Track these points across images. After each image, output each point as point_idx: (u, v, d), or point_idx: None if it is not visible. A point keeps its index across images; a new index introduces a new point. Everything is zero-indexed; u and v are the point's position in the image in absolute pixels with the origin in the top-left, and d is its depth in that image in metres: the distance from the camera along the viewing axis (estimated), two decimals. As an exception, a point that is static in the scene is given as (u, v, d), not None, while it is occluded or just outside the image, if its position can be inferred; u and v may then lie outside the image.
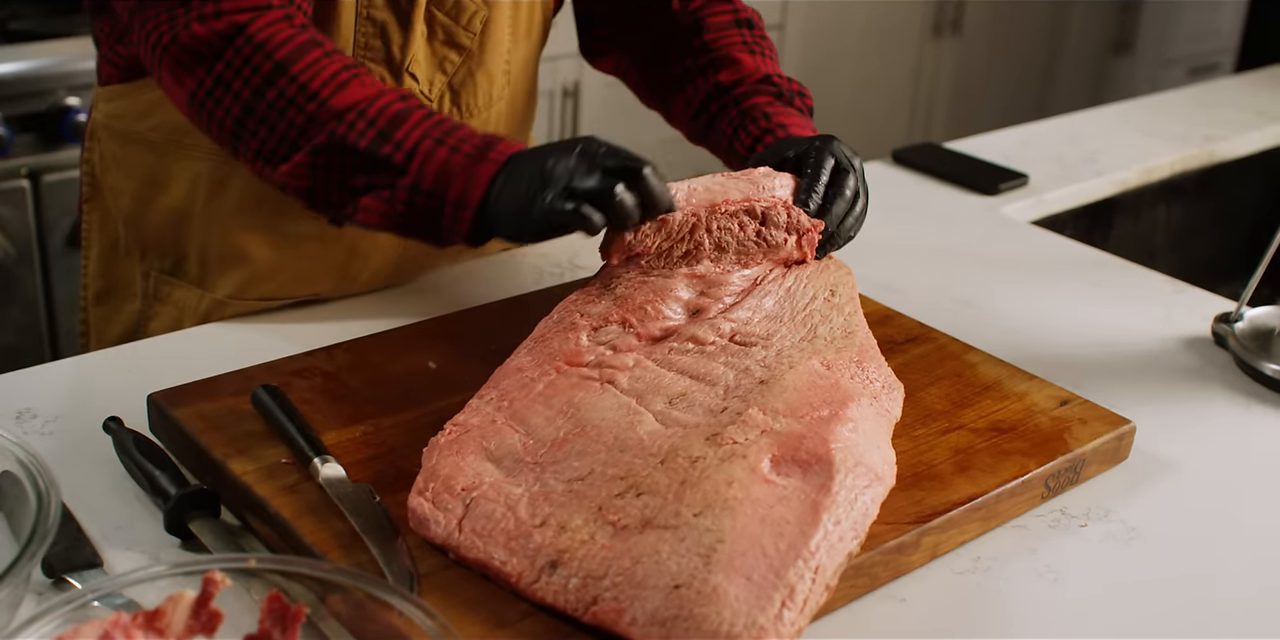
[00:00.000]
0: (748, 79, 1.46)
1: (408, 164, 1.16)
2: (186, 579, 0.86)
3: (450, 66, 1.38)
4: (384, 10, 1.31)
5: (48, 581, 0.99)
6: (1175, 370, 1.39)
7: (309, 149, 1.18)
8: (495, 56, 1.40)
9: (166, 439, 1.14)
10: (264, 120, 1.18)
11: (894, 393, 1.15)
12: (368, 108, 1.17)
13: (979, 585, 1.05)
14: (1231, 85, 2.47)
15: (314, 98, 1.17)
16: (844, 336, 1.17)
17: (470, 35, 1.37)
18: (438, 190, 1.16)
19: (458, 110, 1.40)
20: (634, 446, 1.01)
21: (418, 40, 1.34)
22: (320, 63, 1.18)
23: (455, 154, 1.16)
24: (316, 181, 1.19)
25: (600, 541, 0.92)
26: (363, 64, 1.23)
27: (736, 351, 1.13)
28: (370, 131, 1.16)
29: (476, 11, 1.36)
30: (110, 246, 1.47)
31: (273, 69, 1.17)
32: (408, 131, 1.16)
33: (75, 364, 1.30)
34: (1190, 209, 2.13)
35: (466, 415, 1.08)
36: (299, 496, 1.03)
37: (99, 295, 1.50)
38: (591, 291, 1.19)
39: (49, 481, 0.93)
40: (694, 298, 1.19)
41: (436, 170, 1.16)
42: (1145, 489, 1.18)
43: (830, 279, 1.25)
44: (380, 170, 1.17)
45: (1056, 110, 4.19)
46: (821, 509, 0.95)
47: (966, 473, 1.10)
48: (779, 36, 3.56)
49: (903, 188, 1.87)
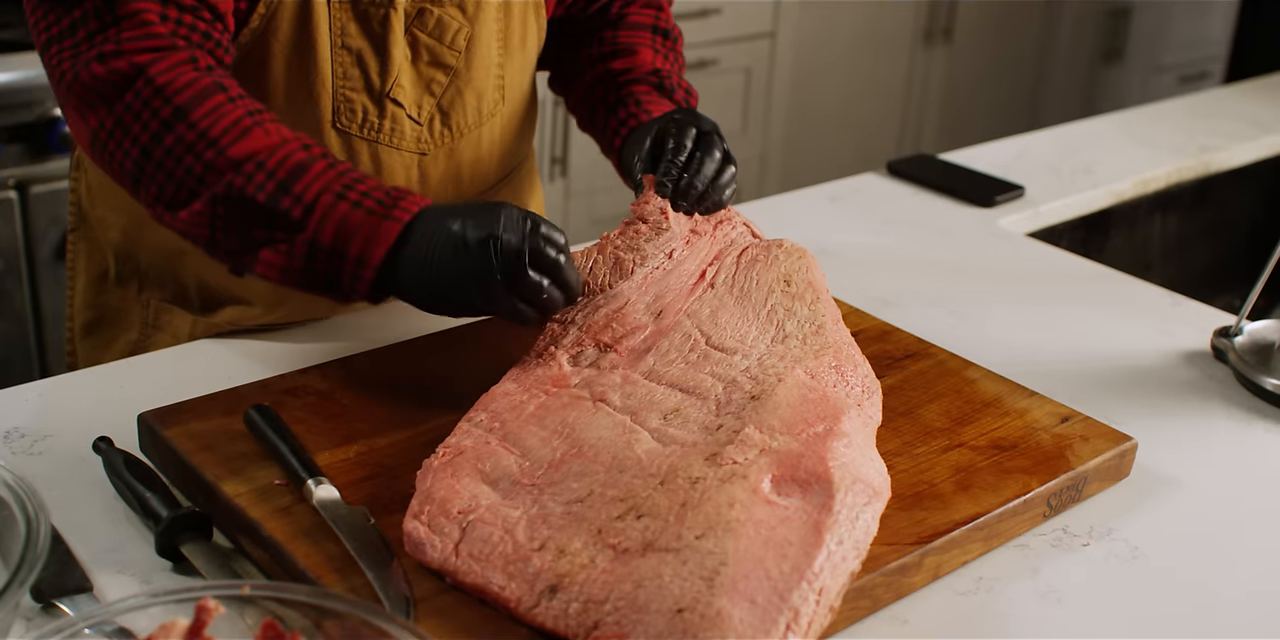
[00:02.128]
0: (636, 70, 1.46)
1: (306, 219, 1.12)
2: (179, 606, 0.85)
3: (438, 88, 1.35)
4: (358, 37, 1.28)
5: (36, 606, 0.97)
6: (1175, 385, 1.38)
7: (207, 198, 1.14)
8: (484, 72, 1.38)
9: (158, 459, 1.13)
10: (161, 166, 1.15)
11: (873, 397, 1.14)
12: (268, 158, 1.13)
13: (982, 606, 1.04)
14: (1226, 95, 2.46)
15: (213, 145, 1.13)
16: (814, 332, 1.16)
17: (455, 53, 1.34)
18: (337, 247, 1.12)
19: (448, 131, 1.38)
20: (632, 466, 1.00)
21: (399, 65, 1.31)
22: (222, 109, 1.14)
23: (356, 209, 1.12)
24: (215, 231, 1.16)
25: (601, 565, 0.91)
26: (269, 111, 1.18)
27: (719, 360, 1.13)
28: (269, 183, 1.13)
29: (460, 28, 1.33)
30: (99, 277, 1.44)
31: (172, 114, 1.14)
32: (308, 184, 1.13)
33: (64, 382, 1.29)
34: (1186, 220, 2.12)
35: (458, 437, 1.06)
36: (292, 519, 1.01)
37: (88, 326, 1.47)
38: (554, 329, 1.19)
39: (38, 505, 0.91)
40: (650, 302, 1.20)
41: (336, 227, 1.12)
42: (1147, 506, 1.17)
43: (781, 269, 1.24)
44: (279, 225, 1.13)
45: (1047, 117, 4.21)
46: (824, 529, 0.94)
47: (968, 492, 1.09)
48: (769, 45, 3.56)
49: (898, 199, 1.86)
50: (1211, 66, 4.65)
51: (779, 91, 3.66)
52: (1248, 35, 4.39)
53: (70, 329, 1.49)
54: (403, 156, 1.35)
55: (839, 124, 3.88)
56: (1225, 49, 4.55)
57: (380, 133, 1.33)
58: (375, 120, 1.32)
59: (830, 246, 1.64)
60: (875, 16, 3.80)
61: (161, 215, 1.18)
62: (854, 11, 3.75)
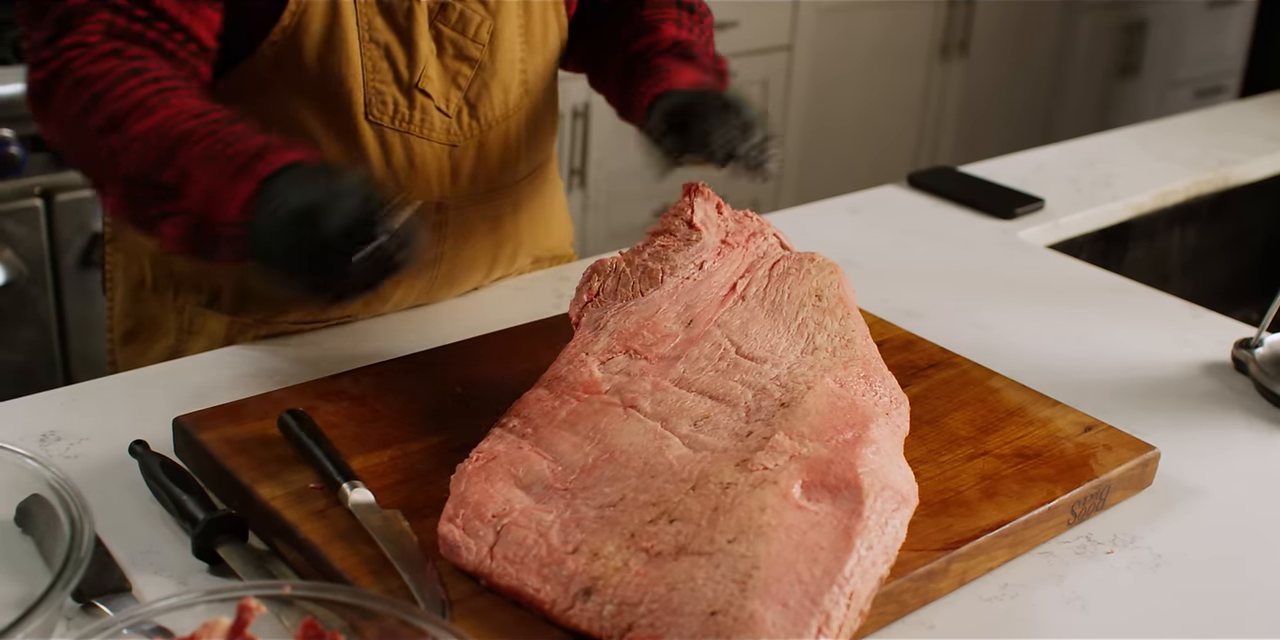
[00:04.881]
0: (658, 44, 1.46)
1: (182, 186, 1.10)
2: (220, 606, 0.86)
3: (464, 80, 1.38)
4: (385, 31, 1.31)
5: (76, 606, 0.98)
6: (1196, 396, 1.39)
7: (117, 179, 1.14)
8: (508, 66, 1.40)
9: (193, 463, 1.14)
10: (84, 154, 1.17)
11: (901, 407, 1.15)
12: (156, 132, 1.12)
13: (1007, 612, 1.05)
14: (1243, 109, 2.47)
15: (118, 127, 1.13)
16: (844, 345, 1.18)
17: (479, 46, 1.37)
18: (207, 211, 1.09)
19: (476, 123, 1.40)
20: (664, 472, 1.01)
21: (426, 58, 1.34)
22: (133, 92, 1.14)
23: (221, 172, 1.09)
24: (131, 213, 1.16)
25: (634, 568, 0.92)
26: (186, 86, 1.16)
27: (749, 368, 1.14)
28: (152, 155, 1.11)
29: (483, 21, 1.36)
30: (136, 286, 1.46)
31: (89, 100, 1.15)
32: (186, 151, 1.10)
33: (99, 386, 1.30)
34: (1204, 233, 2.13)
35: (491, 442, 1.08)
36: (328, 522, 1.03)
37: (126, 335, 1.49)
38: (586, 335, 1.20)
39: (82, 507, 0.92)
40: (681, 311, 1.21)
41: (203, 193, 1.09)
42: (1170, 515, 1.18)
43: (814, 283, 1.25)
44: (166, 196, 1.11)
45: (1063, 131, 4.21)
46: (854, 534, 0.95)
47: (994, 499, 1.10)
48: (787, 58, 3.58)
49: (919, 212, 1.87)
50: (1227, 81, 4.65)
51: (796, 104, 3.67)
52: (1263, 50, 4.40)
53: (110, 339, 1.51)
54: (434, 147, 1.38)
55: (856, 137, 3.89)
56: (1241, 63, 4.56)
57: (411, 124, 1.35)
58: (406, 112, 1.35)
59: (853, 257, 1.66)
60: (892, 29, 3.81)
61: (103, 203, 1.19)
62: (871, 25, 3.77)
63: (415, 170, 1.37)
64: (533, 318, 1.40)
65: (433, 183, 1.40)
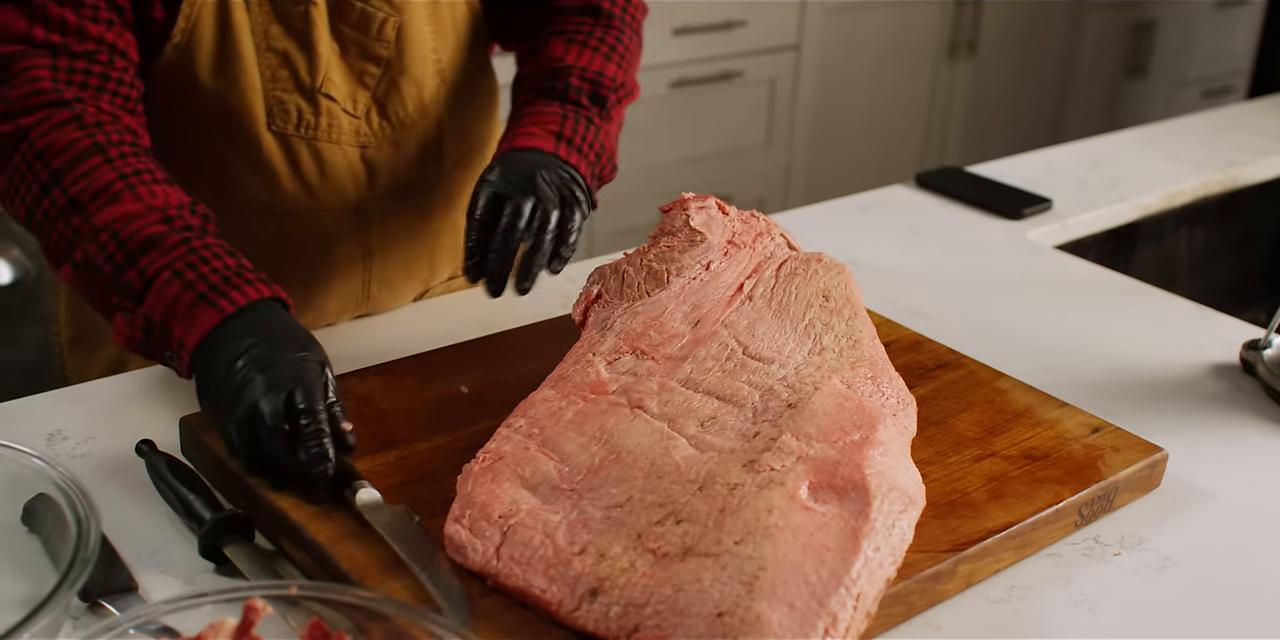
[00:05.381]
0: (535, 73, 1.40)
1: (145, 293, 1.11)
2: (227, 606, 0.86)
3: (370, 79, 1.34)
4: (282, 38, 1.28)
5: (82, 605, 0.98)
6: (1204, 397, 1.38)
7: (72, 262, 1.15)
8: (419, 60, 1.36)
9: (200, 462, 1.14)
10: (41, 227, 1.16)
11: (908, 408, 1.15)
12: (124, 227, 1.12)
13: (1014, 614, 1.04)
14: (1251, 110, 2.47)
15: (80, 211, 1.13)
16: (851, 346, 1.17)
17: (384, 44, 1.32)
18: (166, 325, 1.11)
19: (387, 122, 1.36)
20: (671, 472, 1.01)
21: (327, 60, 1.30)
22: (96, 172, 1.14)
23: (188, 291, 1.10)
24: (85, 292, 1.17)
25: (641, 569, 0.92)
26: (150, 171, 1.16)
27: (756, 369, 1.14)
28: (119, 254, 1.12)
29: (386, 18, 1.32)
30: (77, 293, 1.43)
31: (49, 178, 1.14)
32: (154, 258, 1.11)
33: (106, 385, 1.30)
34: (1212, 233, 2.13)
35: (498, 443, 1.08)
36: (334, 522, 1.03)
37: (72, 341, 1.48)
38: (593, 335, 1.20)
39: (89, 507, 0.92)
40: (688, 312, 1.20)
41: (166, 305, 1.10)
42: (1178, 517, 1.18)
43: (820, 284, 1.24)
44: (126, 295, 1.13)
45: (1071, 131, 4.21)
46: (861, 535, 0.95)
47: (1001, 501, 1.10)
48: (794, 57, 3.57)
49: (927, 212, 1.87)
50: (1235, 81, 4.65)
51: (803, 104, 3.67)
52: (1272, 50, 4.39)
53: (59, 343, 1.49)
54: (344, 150, 1.35)
55: (863, 136, 3.89)
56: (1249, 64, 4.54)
57: (318, 130, 1.32)
58: (311, 118, 1.32)
59: (860, 258, 1.65)
60: (900, 29, 3.81)
61: (50, 268, 1.19)
62: (879, 24, 3.76)
63: (326, 177, 1.35)
64: (539, 317, 1.40)
65: (347, 187, 1.36)
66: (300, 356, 1.07)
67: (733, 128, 3.51)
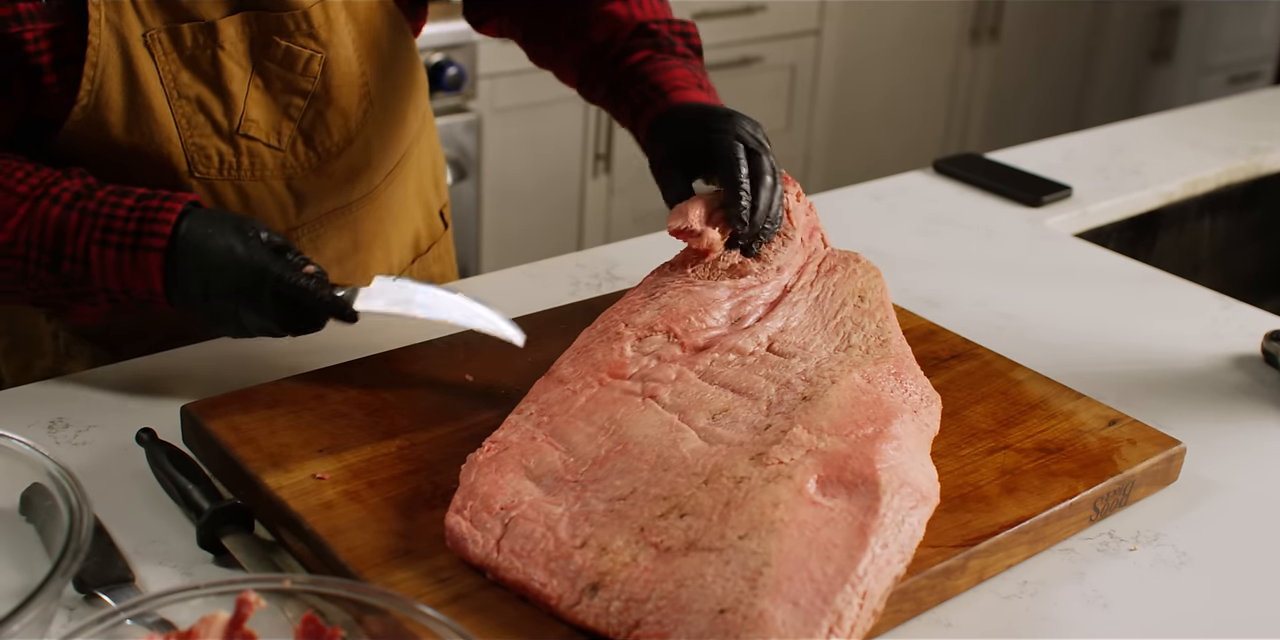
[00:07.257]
0: (620, 34, 1.36)
1: (89, 273, 1.14)
2: (220, 599, 0.85)
3: (296, 111, 1.29)
4: (194, 84, 1.24)
5: (79, 596, 0.97)
6: (1224, 389, 1.36)
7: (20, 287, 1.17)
8: (346, 91, 1.31)
9: (200, 451, 1.13)
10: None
11: (932, 406, 1.13)
12: (29, 232, 1.14)
13: (1027, 610, 1.02)
14: (1277, 96, 2.43)
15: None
16: (879, 345, 1.15)
17: (310, 79, 1.29)
18: (126, 286, 1.14)
19: (313, 152, 1.32)
20: (677, 465, 0.99)
21: (241, 101, 1.26)
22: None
23: (121, 251, 1.13)
24: (36, 302, 1.19)
25: (643, 563, 0.90)
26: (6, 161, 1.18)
27: (776, 363, 1.12)
28: (44, 257, 1.14)
29: (312, 56, 1.27)
30: None
31: None
32: (72, 240, 1.14)
33: (107, 373, 1.29)
34: (1235, 222, 2.10)
35: (506, 431, 1.06)
36: (334, 513, 1.01)
37: (8, 349, 1.44)
38: (636, 301, 1.18)
39: (80, 496, 0.91)
40: (734, 307, 1.18)
41: (112, 271, 1.14)
42: (1195, 512, 1.16)
43: (858, 284, 1.23)
44: (74, 284, 1.15)
45: (1094, 118, 4.17)
46: (869, 532, 0.93)
47: (1014, 494, 1.08)
48: (814, 43, 3.55)
49: (945, 198, 1.84)
50: (1262, 67, 4.60)
51: (823, 89, 3.64)
52: (1299, 36, 4.35)
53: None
54: (269, 184, 1.31)
55: (883, 122, 3.86)
56: (1275, 49, 4.50)
57: (241, 170, 1.29)
58: (233, 160, 1.28)
59: (877, 245, 1.63)
60: (921, 14, 3.78)
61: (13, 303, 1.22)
62: (900, 9, 3.73)
63: (252, 210, 1.31)
64: (546, 305, 1.39)
65: (274, 218, 1.33)
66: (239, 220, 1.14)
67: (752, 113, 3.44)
